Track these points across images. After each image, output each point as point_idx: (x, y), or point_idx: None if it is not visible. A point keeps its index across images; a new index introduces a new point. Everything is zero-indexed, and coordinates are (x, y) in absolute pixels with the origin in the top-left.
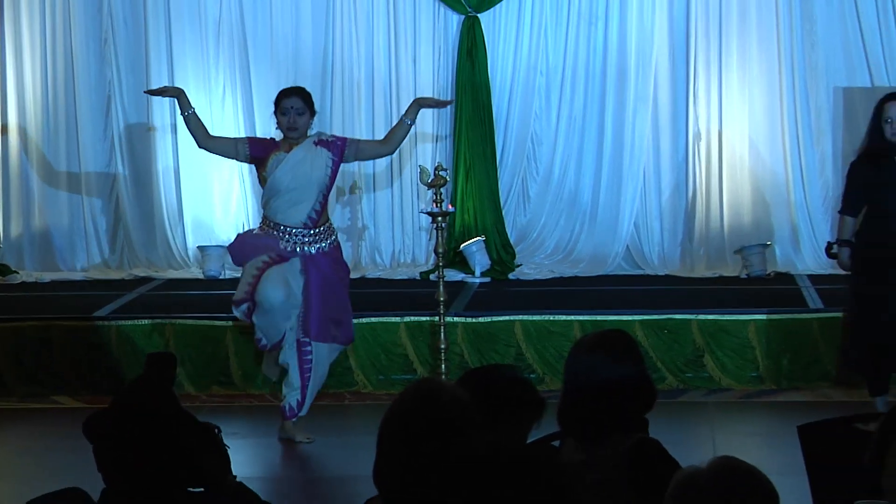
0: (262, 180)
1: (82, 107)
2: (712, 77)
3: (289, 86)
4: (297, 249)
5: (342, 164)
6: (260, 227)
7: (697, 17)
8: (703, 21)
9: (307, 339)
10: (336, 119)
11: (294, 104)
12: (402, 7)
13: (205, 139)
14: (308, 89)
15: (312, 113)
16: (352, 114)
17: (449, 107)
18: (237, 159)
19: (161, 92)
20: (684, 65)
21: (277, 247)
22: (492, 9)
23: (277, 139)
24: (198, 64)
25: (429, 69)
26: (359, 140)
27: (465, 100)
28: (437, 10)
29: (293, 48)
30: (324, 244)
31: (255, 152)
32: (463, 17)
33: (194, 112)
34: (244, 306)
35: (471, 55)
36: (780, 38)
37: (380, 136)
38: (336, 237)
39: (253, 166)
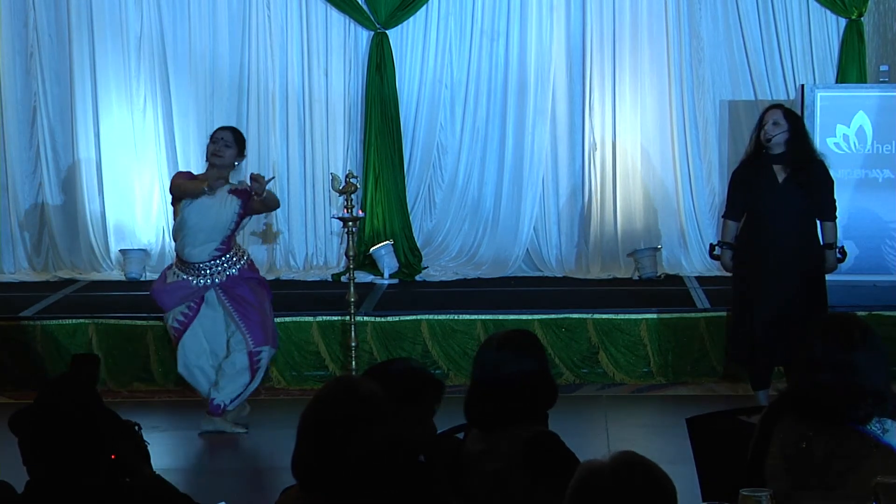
0: (176, 214)
1: (9, 117)
2: (606, 91)
3: (207, 98)
4: (209, 282)
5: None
6: (175, 264)
7: (592, 35)
8: (597, 38)
9: (259, 349)
10: (252, 130)
11: (224, 136)
12: (314, 23)
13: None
14: (225, 102)
15: (241, 152)
16: (267, 125)
17: (359, 117)
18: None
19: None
20: (580, 79)
21: (190, 288)
22: (399, 25)
23: (196, 175)
24: (120, 77)
25: (340, 83)
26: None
27: (374, 111)
28: (348, 26)
29: (211, 62)
30: (234, 269)
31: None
32: (372, 33)
33: None
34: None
35: (380, 69)
36: (670, 54)
37: (294, 146)
38: (247, 259)
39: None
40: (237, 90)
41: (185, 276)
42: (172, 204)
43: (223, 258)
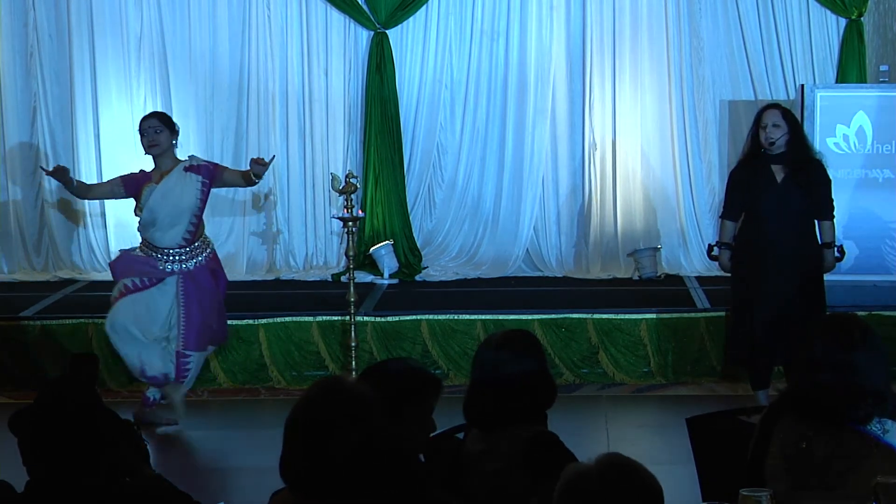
0: (139, 210)
1: (9, 117)
2: (606, 90)
3: (207, 98)
4: (176, 268)
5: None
6: (140, 247)
7: (593, 35)
8: (598, 38)
9: (187, 352)
10: (252, 130)
11: (151, 124)
12: (314, 23)
13: (84, 192)
14: (225, 102)
15: (173, 131)
16: (267, 125)
17: (359, 117)
18: (116, 198)
19: (52, 174)
20: (580, 79)
21: (156, 268)
22: (399, 25)
23: (149, 170)
24: (120, 77)
25: (340, 83)
26: (224, 168)
27: (374, 112)
28: (348, 26)
29: (210, 62)
30: (200, 258)
31: (129, 190)
32: (372, 33)
33: (77, 182)
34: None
35: (379, 69)
36: (670, 54)
37: (294, 146)
38: (212, 249)
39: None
40: (237, 90)
41: (153, 254)
42: (135, 200)
43: (190, 247)
